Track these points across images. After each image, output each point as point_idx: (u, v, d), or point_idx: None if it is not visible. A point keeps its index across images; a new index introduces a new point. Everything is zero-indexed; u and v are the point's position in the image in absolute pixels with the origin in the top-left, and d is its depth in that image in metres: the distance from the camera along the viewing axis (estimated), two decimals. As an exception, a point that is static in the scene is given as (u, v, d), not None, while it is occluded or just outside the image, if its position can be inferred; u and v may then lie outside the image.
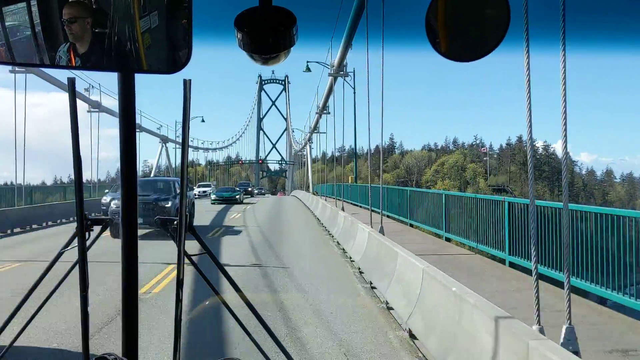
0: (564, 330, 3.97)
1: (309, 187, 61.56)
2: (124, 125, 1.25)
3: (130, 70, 1.21)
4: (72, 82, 1.26)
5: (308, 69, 23.54)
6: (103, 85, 32.51)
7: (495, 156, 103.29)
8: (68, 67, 1.22)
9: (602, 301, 7.66)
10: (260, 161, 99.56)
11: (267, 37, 1.20)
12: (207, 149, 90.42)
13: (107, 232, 1.42)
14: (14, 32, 1.21)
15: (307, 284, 9.07)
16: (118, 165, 1.39)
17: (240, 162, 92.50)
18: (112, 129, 41.91)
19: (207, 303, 6.59)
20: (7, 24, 1.20)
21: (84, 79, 31.71)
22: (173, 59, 1.19)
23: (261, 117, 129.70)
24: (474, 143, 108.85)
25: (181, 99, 1.28)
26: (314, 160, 67.16)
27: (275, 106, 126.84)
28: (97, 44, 1.19)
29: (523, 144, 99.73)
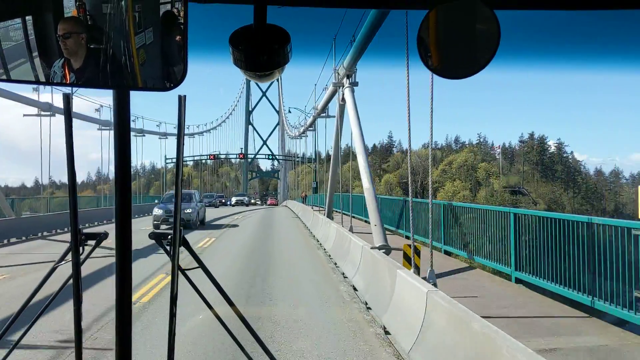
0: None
1: (303, 198, 48.33)
2: (119, 141, 1.36)
3: (126, 87, 1.32)
4: (67, 97, 1.37)
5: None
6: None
7: (498, 155, 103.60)
8: (63, 84, 1.32)
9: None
10: (241, 155, 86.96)
11: (261, 55, 1.32)
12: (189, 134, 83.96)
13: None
14: (8, 48, 1.32)
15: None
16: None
17: (211, 156, 79.25)
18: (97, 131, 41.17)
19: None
20: (2, 40, 1.32)
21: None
22: (168, 75, 1.29)
23: (250, 109, 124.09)
24: (478, 141, 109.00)
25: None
26: (309, 160, 56.44)
27: (266, 97, 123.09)
28: (92, 61, 1.29)
29: (535, 141, 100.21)
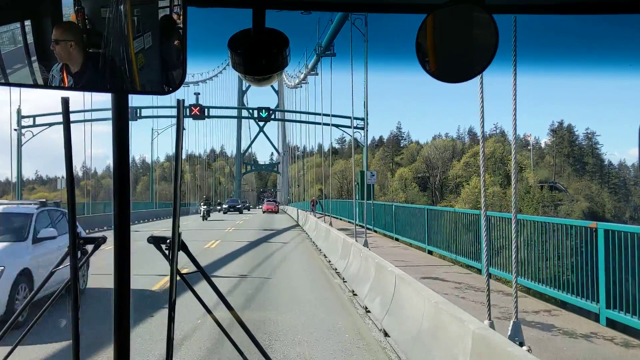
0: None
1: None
2: (118, 145, 1.52)
3: (124, 91, 1.47)
4: (65, 101, 1.53)
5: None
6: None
7: (529, 147, 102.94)
8: (61, 87, 1.47)
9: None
10: (195, 110, 53.97)
11: (260, 59, 1.48)
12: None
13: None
14: (7, 52, 1.48)
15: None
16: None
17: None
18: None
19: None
20: (0, 44, 1.47)
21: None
22: (167, 79, 1.44)
23: (244, 89, 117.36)
24: (495, 132, 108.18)
25: None
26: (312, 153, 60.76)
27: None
28: (90, 65, 1.43)
29: (563, 130, 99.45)
